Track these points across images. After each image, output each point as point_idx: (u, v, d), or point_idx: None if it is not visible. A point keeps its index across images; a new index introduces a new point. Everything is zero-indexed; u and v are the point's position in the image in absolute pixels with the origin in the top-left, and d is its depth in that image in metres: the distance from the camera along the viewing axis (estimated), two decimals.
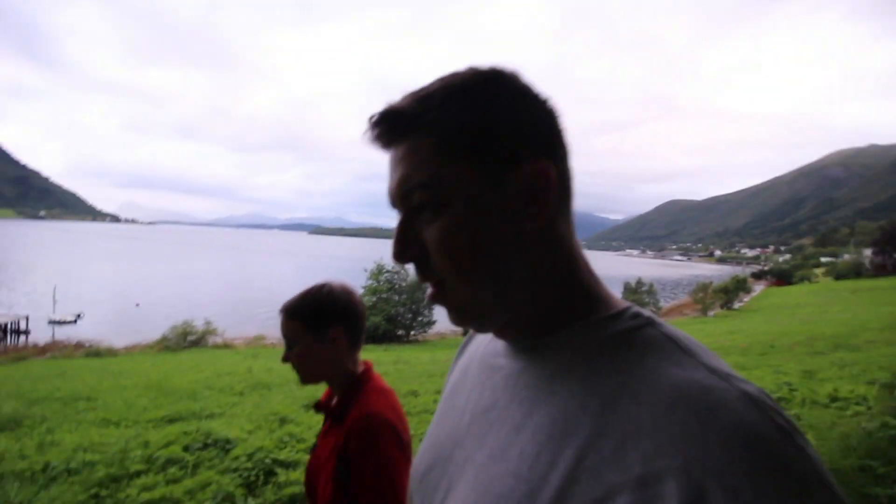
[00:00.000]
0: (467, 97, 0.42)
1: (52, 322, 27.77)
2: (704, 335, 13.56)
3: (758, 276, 68.13)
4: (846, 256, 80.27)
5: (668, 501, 0.29)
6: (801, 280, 61.69)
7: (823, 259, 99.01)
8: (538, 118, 0.43)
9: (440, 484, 0.46)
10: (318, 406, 1.14)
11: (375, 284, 22.13)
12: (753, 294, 45.94)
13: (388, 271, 22.42)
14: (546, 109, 0.44)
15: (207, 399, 5.52)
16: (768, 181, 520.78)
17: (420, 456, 0.53)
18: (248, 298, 41.24)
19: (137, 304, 36.12)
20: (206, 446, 3.39)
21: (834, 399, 4.20)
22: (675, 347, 0.37)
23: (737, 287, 41.37)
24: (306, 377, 1.10)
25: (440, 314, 23.36)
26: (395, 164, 0.44)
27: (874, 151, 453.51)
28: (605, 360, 0.39)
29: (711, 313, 32.33)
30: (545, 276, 0.43)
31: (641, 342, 0.39)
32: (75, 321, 29.04)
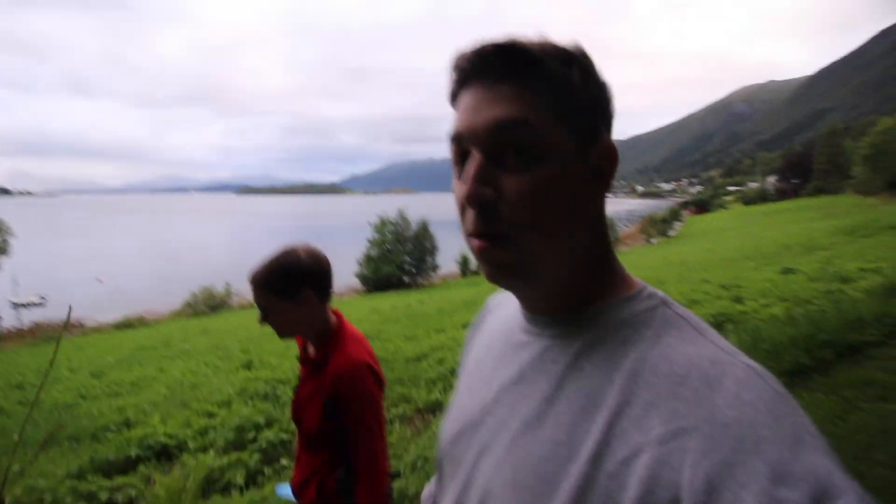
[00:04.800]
0: (585, 64, 0.44)
1: (17, 305, 26.07)
2: (681, 258, 16.85)
3: (682, 206, 76.66)
4: (752, 184, 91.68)
5: (687, 453, 0.34)
6: (717, 208, 70.28)
7: (731, 188, 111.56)
8: (611, 104, 0.47)
9: (471, 446, 0.51)
10: (302, 360, 1.28)
11: (381, 237, 23.55)
12: (680, 223, 52.14)
13: (391, 223, 23.85)
14: (610, 92, 0.47)
15: (425, 340, 5.96)
16: (682, 119, 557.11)
17: (448, 423, 0.58)
18: (211, 263, 40.57)
19: (101, 280, 34.49)
20: None
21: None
22: (688, 326, 0.43)
23: (672, 217, 47.53)
24: (284, 334, 1.22)
25: (442, 259, 25.37)
26: (495, 98, 0.43)
27: (774, 87, 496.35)
28: (626, 338, 0.43)
29: (655, 241, 37.27)
30: (591, 251, 0.47)
31: (658, 321, 0.44)
32: (42, 303, 27.52)
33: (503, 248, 0.44)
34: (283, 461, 2.75)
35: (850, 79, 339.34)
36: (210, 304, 19.52)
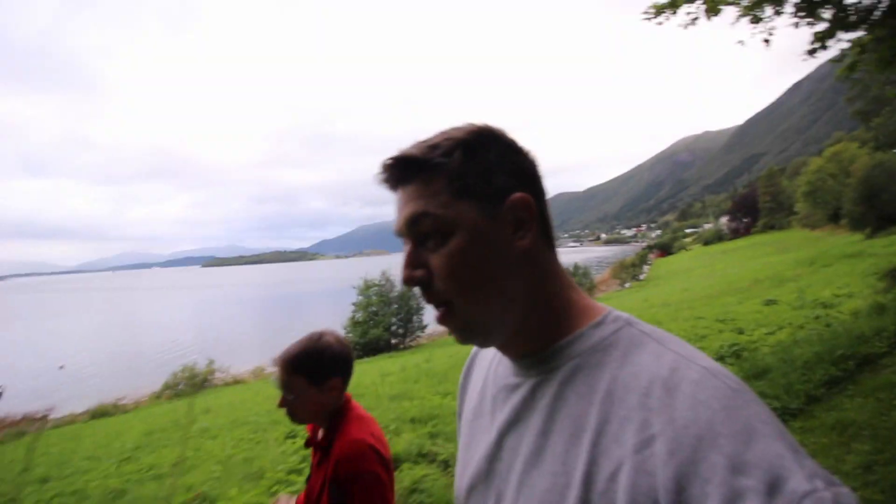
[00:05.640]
0: (468, 148, 0.51)
1: None
2: (661, 299, 17.62)
3: (648, 250, 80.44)
4: (706, 226, 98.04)
5: (657, 458, 0.38)
6: (678, 249, 73.92)
7: (689, 230, 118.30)
8: (520, 163, 0.53)
9: (489, 496, 0.54)
10: (309, 443, 1.25)
11: (366, 299, 23.41)
12: (647, 267, 54.37)
13: (376, 285, 23.84)
14: (527, 158, 0.54)
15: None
16: (633, 168, 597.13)
17: (459, 477, 0.61)
18: (180, 340, 38.69)
19: (62, 367, 32.18)
20: None
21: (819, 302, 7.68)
22: (651, 341, 0.47)
23: (641, 261, 49.74)
24: (302, 420, 1.21)
25: (429, 317, 25.21)
26: (406, 200, 0.52)
27: (709, 136, 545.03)
28: (598, 362, 0.48)
29: (628, 285, 38.61)
30: (534, 293, 0.52)
31: (624, 341, 0.48)
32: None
33: (451, 316, 0.52)
34: None
35: (775, 126, 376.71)
36: (192, 384, 18.56)
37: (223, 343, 31.20)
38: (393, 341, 22.96)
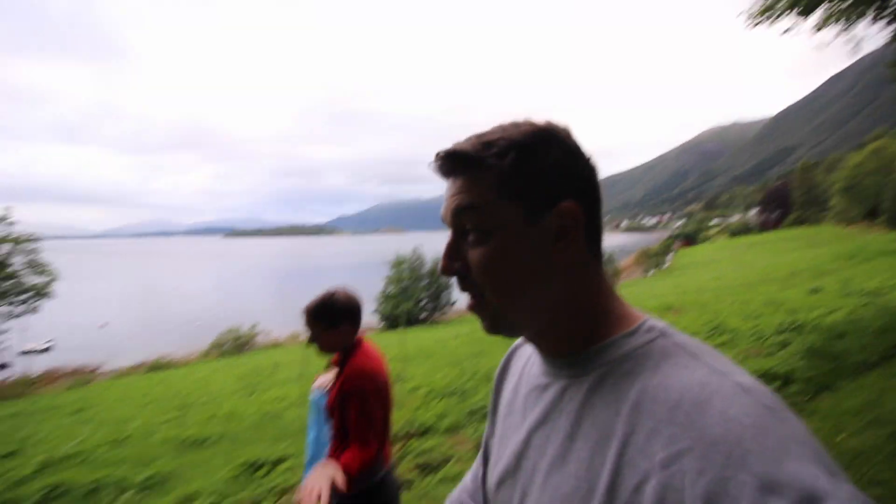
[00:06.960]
0: (523, 149, 0.50)
1: (25, 352, 25.94)
2: (695, 286, 17.84)
3: (672, 239, 79.55)
4: (734, 217, 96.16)
5: (686, 474, 0.38)
6: (703, 240, 72.86)
7: (714, 221, 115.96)
8: (577, 169, 0.52)
9: (514, 492, 0.56)
10: (331, 364, 1.71)
11: (398, 274, 24.18)
12: (670, 255, 53.91)
13: (407, 261, 24.58)
14: (587, 163, 0.53)
15: None
16: (657, 157, 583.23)
17: (491, 470, 0.63)
18: (211, 306, 40.34)
19: (104, 325, 34.28)
20: None
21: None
22: (683, 353, 0.46)
23: (666, 250, 49.47)
24: (325, 353, 1.66)
25: (458, 293, 25.73)
26: (455, 191, 0.53)
27: (739, 127, 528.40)
28: (629, 371, 0.47)
29: (651, 272, 38.61)
30: (568, 301, 0.52)
31: (657, 352, 0.47)
32: (47, 349, 27.49)
33: (482, 307, 0.53)
34: None
35: (811, 119, 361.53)
36: (237, 345, 19.74)
37: (254, 310, 32.69)
38: (422, 316, 23.77)
